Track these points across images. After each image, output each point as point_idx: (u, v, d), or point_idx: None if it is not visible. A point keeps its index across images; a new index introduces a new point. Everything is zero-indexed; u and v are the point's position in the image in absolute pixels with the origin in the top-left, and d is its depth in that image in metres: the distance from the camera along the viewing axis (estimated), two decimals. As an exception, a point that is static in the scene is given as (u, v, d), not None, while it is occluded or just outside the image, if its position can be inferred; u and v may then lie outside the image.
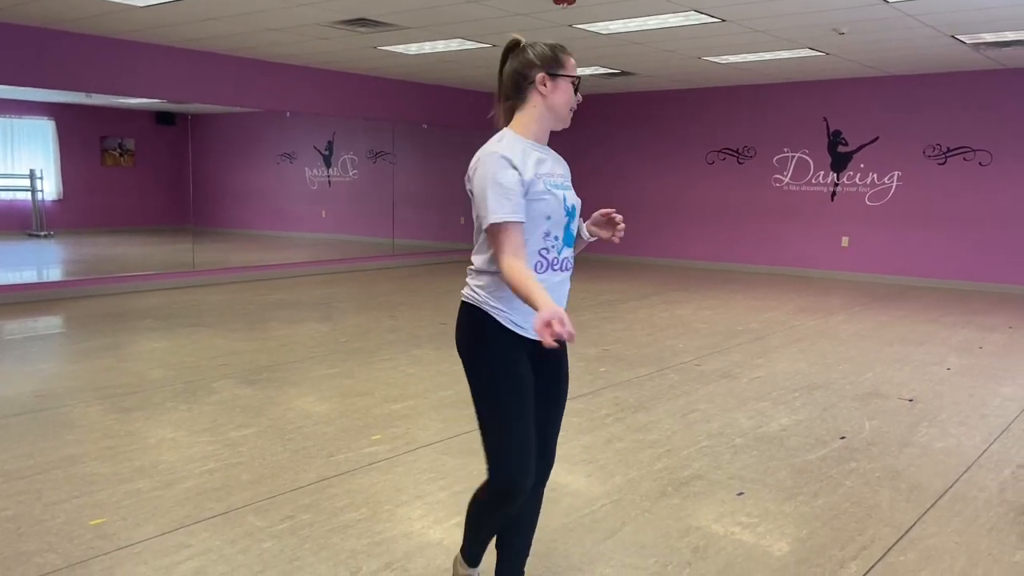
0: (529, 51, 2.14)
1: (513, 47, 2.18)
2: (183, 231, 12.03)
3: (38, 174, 13.51)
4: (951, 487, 3.43)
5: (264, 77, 9.82)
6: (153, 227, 14.52)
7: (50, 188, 13.84)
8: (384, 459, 3.64)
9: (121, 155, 14.73)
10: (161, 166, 14.72)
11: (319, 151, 13.11)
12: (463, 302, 2.18)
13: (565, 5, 6.41)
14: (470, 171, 2.11)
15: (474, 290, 2.15)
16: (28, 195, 13.50)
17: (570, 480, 3.43)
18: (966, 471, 3.62)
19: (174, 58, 8.92)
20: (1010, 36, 7.42)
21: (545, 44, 2.15)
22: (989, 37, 7.49)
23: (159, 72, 8.86)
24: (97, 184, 14.37)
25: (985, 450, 3.91)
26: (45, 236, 13.30)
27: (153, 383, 4.89)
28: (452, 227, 12.89)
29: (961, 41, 7.68)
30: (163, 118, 14.67)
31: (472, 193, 2.08)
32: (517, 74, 2.15)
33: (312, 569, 2.61)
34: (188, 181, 11.20)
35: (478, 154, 2.10)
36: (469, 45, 8.44)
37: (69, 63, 8.14)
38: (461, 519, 3.00)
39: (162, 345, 6.00)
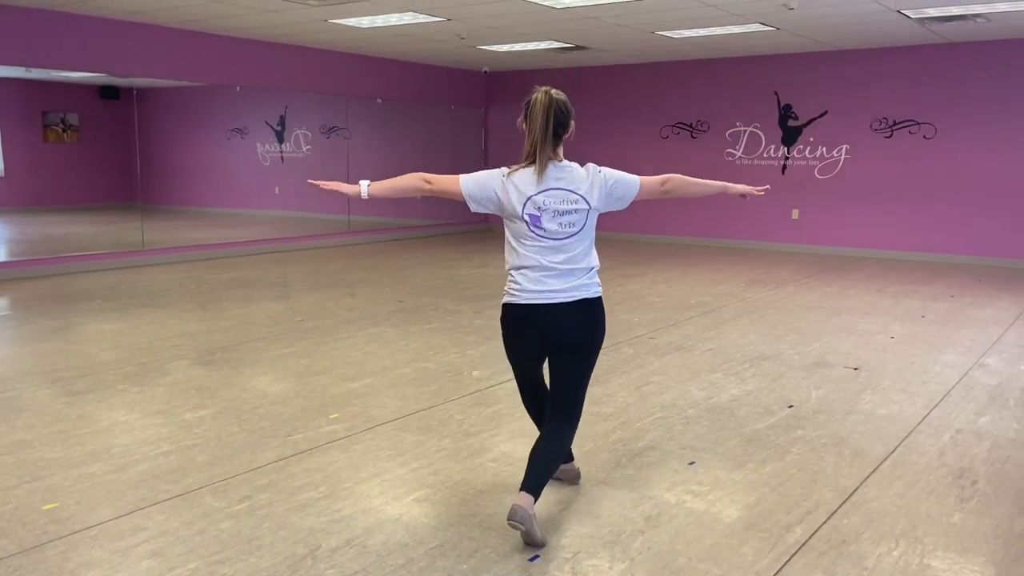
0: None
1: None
2: (131, 209, 11.77)
3: (-24, 151, 13.07)
4: (893, 452, 3.56)
5: (213, 50, 9.62)
6: (99, 205, 14.17)
7: (-10, 166, 13.41)
8: (342, 437, 3.66)
9: (64, 131, 14.31)
10: (106, 142, 14.33)
11: (271, 126, 12.89)
12: (599, 298, 2.82)
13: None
14: (591, 178, 2.75)
15: (599, 287, 2.82)
16: (-33, 173, 13.06)
17: (527, 454, 3.47)
18: (907, 436, 3.76)
19: (118, 30, 8.68)
20: (954, 11, 7.58)
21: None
22: (933, 12, 7.64)
23: (103, 45, 8.61)
24: (40, 161, 13.95)
25: (926, 416, 4.06)
26: (-13, 215, 12.90)
27: (104, 365, 4.82)
28: (409, 203, 12.81)
29: (907, 16, 7.83)
30: (107, 92, 14.26)
31: (605, 192, 2.75)
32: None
33: (271, 548, 2.63)
34: (135, 157, 10.95)
35: (593, 167, 2.79)
36: (423, 19, 8.36)
37: (8, 37, 7.87)
38: (420, 495, 3.05)
39: (112, 327, 5.90)
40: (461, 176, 2.78)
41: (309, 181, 2.96)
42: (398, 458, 3.42)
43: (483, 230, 13.30)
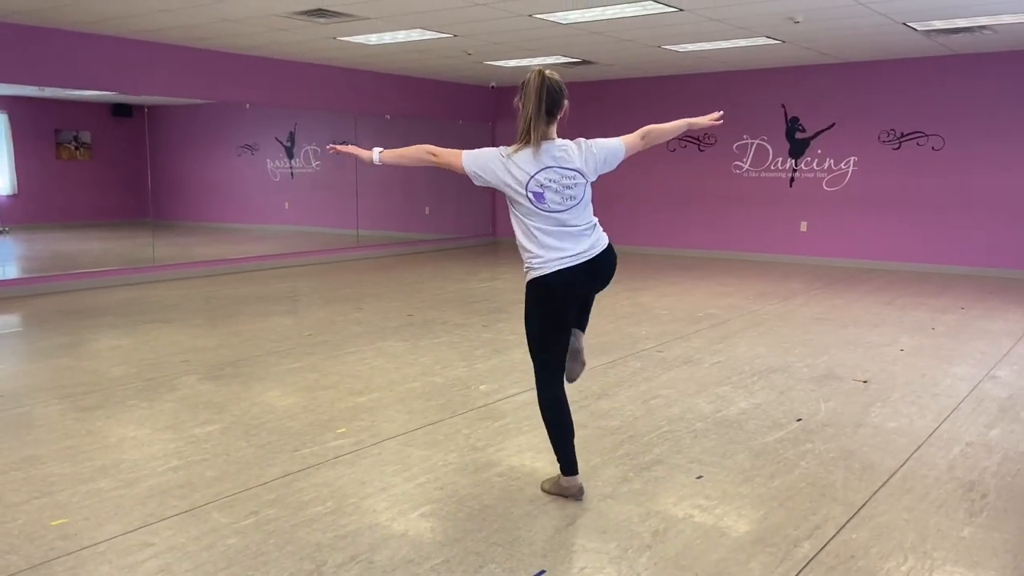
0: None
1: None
2: (142, 225, 11.86)
3: (-10, 169, 13.20)
4: (902, 466, 3.54)
5: (223, 68, 9.70)
6: (111, 221, 14.28)
7: (3, 183, 13.54)
8: (349, 452, 3.66)
9: (77, 148, 14.45)
10: (118, 159, 14.46)
11: (281, 142, 12.97)
12: (610, 244, 3.12)
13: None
14: (584, 153, 2.97)
15: (606, 236, 3.12)
16: (-20, 191, 13.19)
17: (535, 468, 3.48)
18: (917, 450, 3.74)
19: (130, 50, 8.78)
20: (960, 23, 7.59)
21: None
22: (940, 24, 7.65)
23: (115, 64, 8.71)
24: (52, 178, 14.08)
25: (936, 429, 4.03)
26: (0, 232, 13.02)
27: (114, 381, 4.85)
28: (417, 218, 12.87)
29: (913, 28, 7.84)
30: (119, 110, 14.40)
31: (596, 163, 3.02)
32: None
33: (277, 564, 2.63)
34: (146, 174, 11.04)
35: (584, 141, 3.01)
36: (430, 35, 8.42)
37: (22, 56, 7.97)
38: (426, 510, 3.05)
39: (123, 342, 5.94)
40: (464, 152, 2.97)
41: (328, 146, 3.24)
42: (404, 473, 3.42)
43: (490, 244, 13.33)
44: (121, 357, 5.47)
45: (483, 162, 2.94)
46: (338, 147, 3.18)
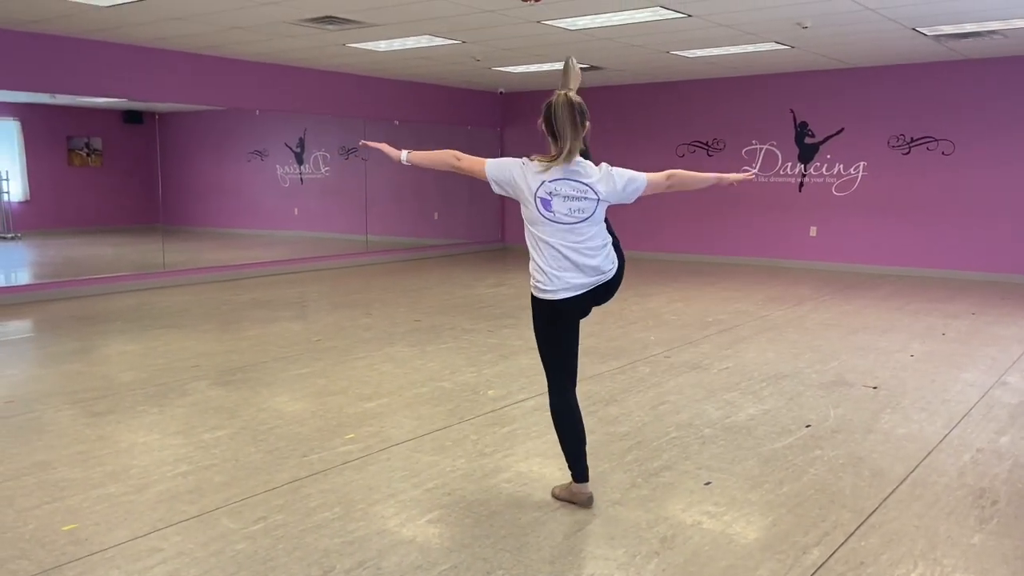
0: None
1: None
2: (153, 231, 11.92)
3: (3, 175, 13.31)
4: (912, 472, 3.52)
5: (233, 75, 9.76)
6: (122, 227, 14.36)
7: (16, 189, 13.64)
8: (357, 458, 3.67)
9: (88, 155, 14.55)
10: (129, 165, 14.55)
11: (290, 148, 13.04)
12: (617, 275, 3.12)
13: (532, 2, 6.44)
14: (602, 175, 3.01)
15: (613, 263, 3.11)
16: (-7, 197, 13.28)
17: (543, 474, 3.48)
18: (927, 456, 3.72)
19: (140, 57, 8.83)
20: (969, 28, 7.56)
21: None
22: (949, 29, 7.62)
23: (126, 71, 8.76)
24: (64, 184, 14.19)
25: (946, 435, 4.01)
26: (12, 238, 13.12)
27: (124, 386, 4.88)
28: (426, 223, 12.90)
29: (922, 33, 7.82)
30: (130, 117, 14.49)
31: (613, 188, 3.02)
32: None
33: (285, 569, 2.64)
34: (157, 180, 11.11)
35: (606, 166, 3.04)
36: (438, 42, 8.45)
37: (34, 64, 8.04)
38: (434, 516, 3.05)
39: (133, 348, 5.97)
40: (488, 160, 3.06)
41: (361, 142, 3.30)
42: (412, 479, 3.43)
43: (499, 250, 13.34)
44: (131, 362, 5.50)
45: (503, 169, 3.02)
46: (370, 143, 3.25)
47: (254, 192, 13.74)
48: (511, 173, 3.00)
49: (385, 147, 3.20)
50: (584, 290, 3.01)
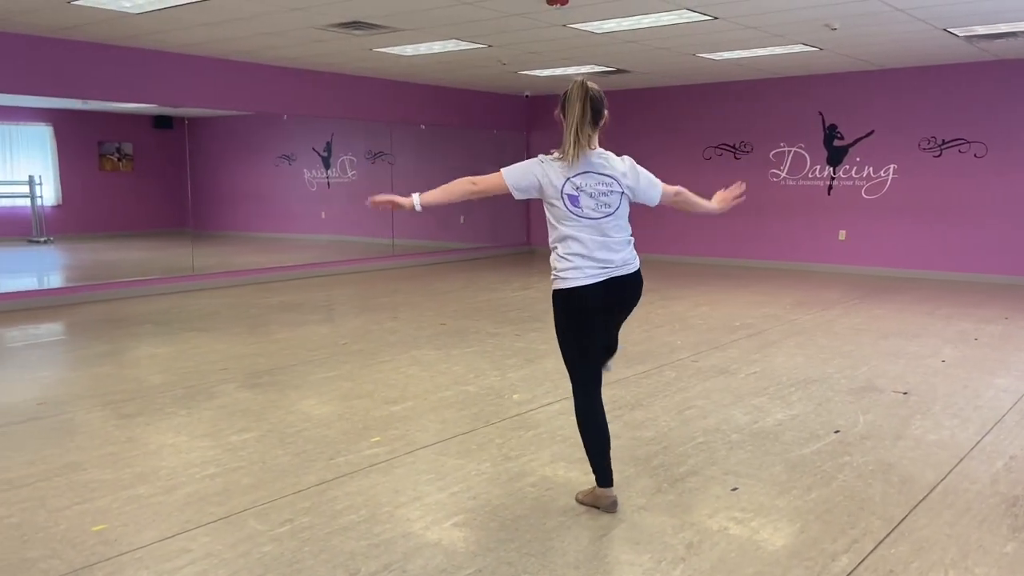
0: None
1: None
2: (182, 235, 12.08)
3: (37, 180, 13.55)
4: (943, 479, 3.46)
5: (261, 80, 9.86)
6: (152, 231, 14.57)
7: (49, 194, 13.89)
8: (383, 461, 3.68)
9: (119, 160, 14.78)
10: (159, 170, 14.76)
11: (318, 152, 13.15)
12: (639, 271, 3.09)
13: (559, 5, 6.44)
14: (627, 168, 3.02)
15: (636, 259, 3.11)
16: (27, 201, 13.54)
17: (568, 478, 3.47)
18: (959, 463, 3.66)
19: (171, 63, 8.95)
20: (1002, 28, 7.44)
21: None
22: (981, 30, 7.51)
23: (156, 77, 8.89)
24: (96, 189, 14.42)
25: (978, 442, 3.94)
26: (45, 242, 13.35)
27: (153, 389, 4.94)
28: (452, 227, 12.93)
29: (954, 34, 7.71)
30: (160, 122, 14.71)
31: (638, 184, 3.05)
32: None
33: (312, 571, 2.66)
34: (186, 184, 11.25)
35: (630, 159, 3.06)
36: (465, 46, 8.47)
37: (66, 70, 8.18)
38: (459, 519, 3.05)
39: (162, 350, 6.04)
40: (503, 169, 2.97)
41: (368, 200, 3.06)
42: (438, 482, 3.43)
43: (525, 253, 13.35)
44: (161, 365, 5.57)
45: (524, 175, 2.96)
46: (375, 199, 3.03)
47: (282, 196, 13.87)
48: (532, 176, 2.95)
49: (395, 198, 3.01)
50: (607, 277, 2.97)
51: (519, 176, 2.96)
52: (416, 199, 2.99)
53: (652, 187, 3.09)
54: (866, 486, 3.39)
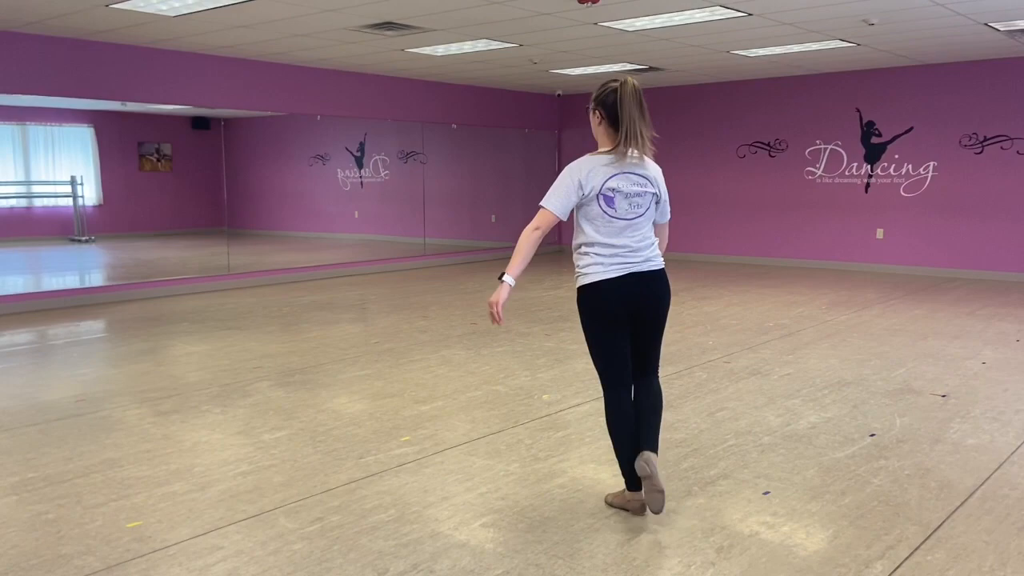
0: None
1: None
2: (218, 234, 12.24)
3: (79, 180, 13.84)
4: (982, 485, 3.39)
5: (295, 81, 9.95)
6: (189, 231, 14.79)
7: (91, 194, 14.17)
8: (413, 460, 3.70)
9: (158, 160, 15.02)
10: (197, 170, 14.98)
11: (351, 152, 13.24)
12: (664, 268, 3.10)
13: (590, 4, 6.41)
14: (659, 179, 3.09)
15: (662, 259, 3.11)
16: (70, 201, 13.84)
17: (597, 480, 3.45)
18: (998, 468, 3.58)
19: (207, 65, 9.08)
20: (1046, 22, 7.26)
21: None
22: (1023, 24, 7.34)
23: (194, 79, 9.02)
24: (136, 189, 14.67)
25: (1019, 446, 3.85)
26: (86, 241, 13.63)
27: (189, 386, 5.01)
28: (483, 226, 12.95)
29: (994, 28, 7.54)
30: (198, 123, 14.93)
31: (663, 194, 3.12)
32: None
33: (341, 570, 2.67)
34: (223, 184, 11.40)
35: (659, 169, 3.12)
36: (496, 45, 8.48)
37: (106, 73, 8.33)
38: (487, 520, 3.05)
39: (198, 348, 6.13)
40: (544, 204, 2.96)
41: (495, 320, 2.97)
42: (466, 482, 3.44)
43: (556, 252, 13.32)
44: (197, 363, 5.65)
45: (565, 199, 2.93)
46: (495, 310, 2.94)
47: (315, 196, 13.99)
48: (570, 195, 2.94)
49: (502, 297, 2.93)
50: (629, 272, 2.97)
51: (562, 202, 2.94)
52: (508, 280, 2.95)
53: (667, 205, 3.18)
54: (902, 491, 3.33)
